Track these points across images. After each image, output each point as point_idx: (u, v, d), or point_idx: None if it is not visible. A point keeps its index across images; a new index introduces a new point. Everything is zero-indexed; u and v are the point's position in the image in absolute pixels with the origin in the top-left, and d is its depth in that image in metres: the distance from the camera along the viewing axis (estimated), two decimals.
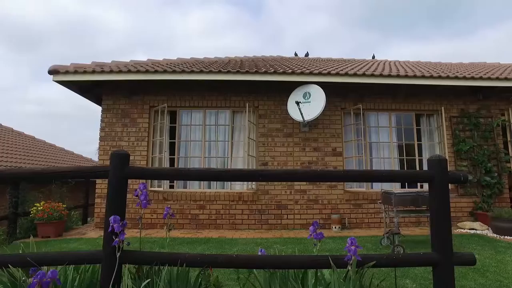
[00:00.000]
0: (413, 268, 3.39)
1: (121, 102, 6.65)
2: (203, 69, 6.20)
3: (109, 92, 6.65)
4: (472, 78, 6.49)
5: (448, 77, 6.42)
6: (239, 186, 6.61)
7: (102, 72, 6.01)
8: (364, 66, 7.81)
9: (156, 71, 6.08)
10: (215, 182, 6.64)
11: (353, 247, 2.06)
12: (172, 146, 6.89)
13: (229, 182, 6.60)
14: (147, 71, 6.10)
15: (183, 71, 6.08)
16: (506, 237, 5.34)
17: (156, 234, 5.69)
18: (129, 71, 6.08)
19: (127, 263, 2.07)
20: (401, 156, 6.95)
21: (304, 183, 6.29)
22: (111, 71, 6.03)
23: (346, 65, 8.04)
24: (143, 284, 1.97)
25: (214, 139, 6.82)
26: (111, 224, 1.98)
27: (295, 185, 6.32)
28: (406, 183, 6.62)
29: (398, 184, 6.77)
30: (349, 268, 2.08)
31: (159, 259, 2.15)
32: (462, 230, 5.93)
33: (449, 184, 6.60)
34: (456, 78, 6.44)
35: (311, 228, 2.42)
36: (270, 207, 6.27)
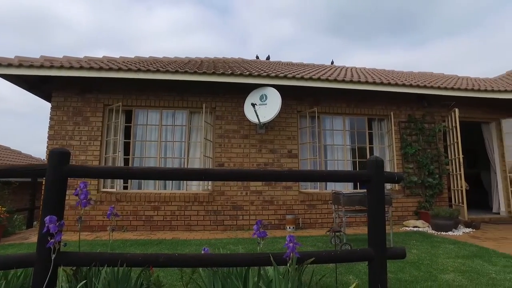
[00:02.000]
0: (358, 264, 3.56)
1: (73, 99, 6.37)
2: (160, 68, 6.10)
3: (60, 88, 6.35)
4: (418, 86, 6.94)
5: (397, 85, 6.83)
6: (195, 187, 6.58)
7: (52, 67, 5.73)
8: (321, 71, 8.07)
9: (110, 69, 5.90)
10: (171, 183, 6.57)
11: (291, 244, 2.13)
12: (127, 146, 6.71)
13: (185, 183, 6.55)
14: (101, 68, 5.90)
15: (139, 70, 5.94)
16: (442, 233, 5.78)
17: (107, 236, 5.51)
18: (81, 68, 5.84)
19: (64, 265, 2.00)
20: (354, 159, 7.27)
21: (260, 184, 6.39)
22: (61, 67, 5.76)
23: (305, 69, 8.27)
24: (78, 286, 1.92)
25: (170, 139, 6.73)
26: (46, 225, 1.91)
27: (251, 186, 6.39)
28: (358, 184, 6.92)
29: (350, 185, 7.08)
30: (288, 264, 2.16)
31: (98, 259, 2.10)
32: (406, 228, 6.31)
33: (397, 186, 7.00)
34: (404, 85, 6.86)
35: (254, 227, 2.48)
36: (225, 208, 6.29)
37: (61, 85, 6.32)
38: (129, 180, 6.50)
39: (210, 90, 6.63)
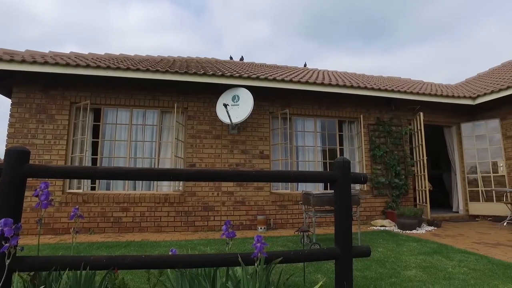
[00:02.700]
0: (326, 263, 3.64)
1: (36, 96, 6.09)
2: (130, 66, 5.96)
3: (22, 84, 6.05)
4: (386, 90, 7.19)
5: (366, 88, 7.04)
6: (166, 188, 6.48)
7: (12, 61, 5.45)
8: (294, 73, 8.19)
9: (78, 65, 5.69)
10: (140, 183, 6.44)
11: (259, 244, 2.15)
12: (95, 146, 6.50)
13: (155, 184, 6.44)
14: (67, 64, 5.68)
15: (108, 67, 5.78)
16: (407, 231, 6.01)
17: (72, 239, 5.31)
18: (46, 63, 5.60)
19: (20, 271, 1.92)
20: (325, 160, 7.42)
21: (232, 184, 6.39)
22: (23, 61, 5.50)
23: (278, 71, 8.35)
24: None
25: (141, 139, 6.59)
26: (0, 228, 1.82)
27: (222, 186, 6.38)
28: (328, 185, 7.07)
29: (321, 186, 7.22)
30: (256, 264, 2.18)
31: (59, 263, 2.01)
32: (374, 227, 6.51)
33: (365, 186, 7.18)
34: (373, 89, 7.09)
35: (223, 227, 2.48)
36: (197, 208, 6.24)
37: (23, 81, 6.03)
38: (97, 181, 6.31)
39: (182, 89, 6.56)
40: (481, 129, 8.10)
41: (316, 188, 7.08)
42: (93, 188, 6.30)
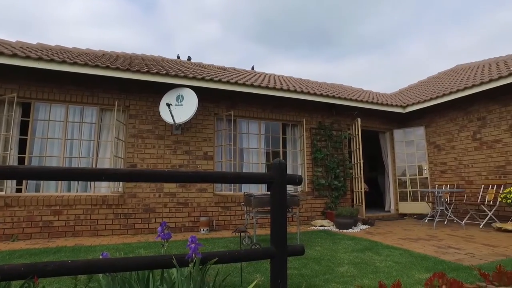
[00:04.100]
0: (265, 263, 3.71)
1: None
2: (66, 59, 5.58)
3: None
4: (327, 96, 7.56)
5: (308, 93, 7.34)
6: (104, 189, 6.15)
7: None
8: (240, 75, 8.26)
9: (2, 54, 5.18)
10: (76, 184, 6.04)
11: (193, 245, 2.15)
12: (23, 144, 5.96)
13: (93, 185, 6.09)
14: None
15: (40, 59, 5.35)
16: (344, 230, 6.36)
17: None
18: None
19: None
20: (268, 162, 7.58)
21: (174, 186, 6.26)
22: None
23: (224, 73, 8.37)
24: None
25: (77, 137, 6.19)
26: None
27: (164, 187, 6.22)
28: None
29: (264, 187, 7.36)
30: (190, 266, 2.17)
31: None
32: (314, 227, 6.78)
33: (306, 188, 7.43)
34: (315, 94, 7.41)
35: (159, 229, 2.43)
36: (137, 210, 6.01)
37: None
38: (23, 182, 5.79)
39: (124, 87, 6.29)
40: (410, 136, 8.87)
41: (259, 190, 7.21)
42: (18, 190, 5.76)
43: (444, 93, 7.59)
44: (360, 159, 7.81)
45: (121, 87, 6.27)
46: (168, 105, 5.85)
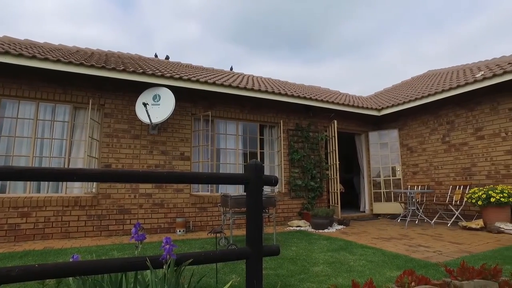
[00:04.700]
0: (241, 263, 3.72)
1: None
2: (37, 54, 5.38)
3: None
4: (305, 98, 7.67)
5: (286, 95, 7.41)
6: (77, 190, 5.98)
7: None
8: (219, 76, 8.24)
9: None
10: (46, 185, 5.83)
11: (167, 246, 2.13)
12: None
13: (65, 185, 5.90)
14: None
15: (6, 53, 5.11)
16: (319, 230, 6.46)
17: None
18: None
19: None
20: (246, 163, 7.57)
21: (150, 186, 6.16)
22: None
23: (202, 73, 8.33)
24: None
25: (48, 136, 5.98)
26: None
27: (140, 188, 6.11)
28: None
29: (241, 188, 7.35)
30: (165, 267, 2.15)
31: None
32: (290, 228, 6.85)
33: (283, 189, 7.49)
34: (293, 96, 7.49)
35: (133, 230, 2.39)
36: (111, 212, 5.87)
37: None
38: None
39: (99, 85, 6.13)
40: (384, 138, 9.12)
41: (237, 190, 7.20)
42: None
43: (417, 97, 7.87)
44: (336, 161, 7.96)
45: (96, 85, 6.11)
46: (145, 104, 5.75)
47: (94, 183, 5.95)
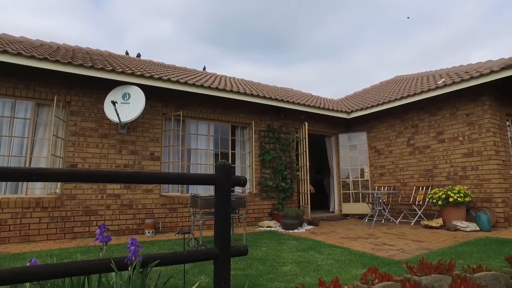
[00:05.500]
0: (210, 264, 3.71)
1: None
2: None
3: None
4: (276, 100, 7.75)
5: (258, 96, 7.46)
6: (39, 191, 5.71)
7: None
8: (191, 75, 8.16)
9: None
10: (3, 185, 5.53)
11: (133, 247, 2.09)
12: None
13: (25, 186, 5.62)
14: None
15: None
16: (289, 231, 6.55)
17: None
18: None
19: None
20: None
21: (118, 187, 6.00)
22: None
23: (175, 72, 8.22)
24: None
25: (7, 134, 5.67)
26: None
27: (107, 189, 5.94)
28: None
29: (211, 188, 7.32)
30: (130, 269, 2.11)
31: None
32: (261, 228, 6.90)
33: (254, 189, 7.52)
34: (264, 97, 7.55)
35: (97, 231, 2.33)
36: (76, 213, 5.66)
37: None
38: None
39: (65, 81, 5.90)
40: (354, 140, 9.40)
41: (207, 191, 7.17)
42: None
43: (384, 101, 8.17)
44: (306, 162, 8.10)
45: (62, 81, 5.88)
46: (114, 102, 5.60)
47: (58, 183, 5.72)
